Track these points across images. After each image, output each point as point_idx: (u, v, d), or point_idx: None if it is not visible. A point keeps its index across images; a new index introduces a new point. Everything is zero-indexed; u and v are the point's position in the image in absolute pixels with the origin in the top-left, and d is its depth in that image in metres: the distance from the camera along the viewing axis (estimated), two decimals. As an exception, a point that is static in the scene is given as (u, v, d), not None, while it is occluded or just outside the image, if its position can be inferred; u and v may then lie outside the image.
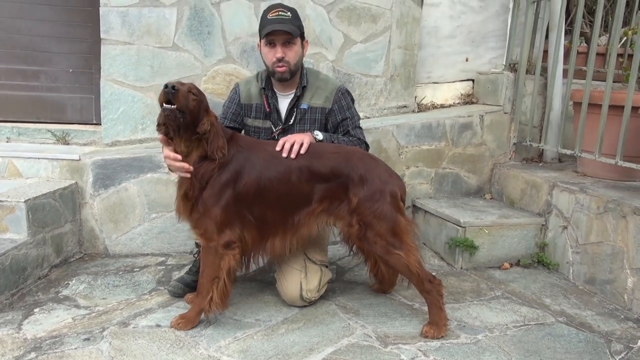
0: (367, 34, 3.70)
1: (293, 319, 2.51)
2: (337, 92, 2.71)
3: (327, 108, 2.69)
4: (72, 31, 3.68)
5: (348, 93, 2.77)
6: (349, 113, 2.72)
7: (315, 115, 2.70)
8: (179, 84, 2.19)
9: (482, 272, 3.17)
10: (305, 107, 2.69)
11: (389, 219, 2.34)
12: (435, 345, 2.29)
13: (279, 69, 2.58)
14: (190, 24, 3.40)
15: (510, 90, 3.84)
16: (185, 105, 2.18)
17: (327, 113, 2.70)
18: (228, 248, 2.31)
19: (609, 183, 3.20)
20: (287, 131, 2.69)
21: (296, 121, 2.70)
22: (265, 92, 2.71)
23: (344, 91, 2.75)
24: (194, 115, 2.23)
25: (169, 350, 2.19)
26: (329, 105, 2.69)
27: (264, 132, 2.74)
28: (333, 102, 2.69)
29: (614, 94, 3.09)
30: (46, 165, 3.23)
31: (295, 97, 2.69)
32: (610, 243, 2.82)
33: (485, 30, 4.12)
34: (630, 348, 2.32)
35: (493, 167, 3.85)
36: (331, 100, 2.69)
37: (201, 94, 2.30)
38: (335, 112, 2.69)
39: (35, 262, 2.84)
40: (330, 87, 2.72)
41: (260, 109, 2.73)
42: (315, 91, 2.71)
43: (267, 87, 2.72)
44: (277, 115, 2.72)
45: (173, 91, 2.15)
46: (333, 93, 2.70)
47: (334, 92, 2.70)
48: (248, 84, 2.78)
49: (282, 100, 2.73)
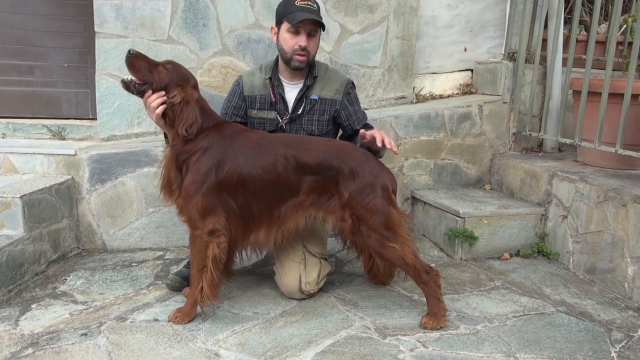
0: (364, 24, 3.67)
1: (291, 312, 2.50)
2: (347, 85, 2.73)
3: (337, 100, 2.69)
4: (66, 25, 3.64)
5: (354, 86, 2.81)
6: (357, 106, 2.77)
7: (325, 106, 2.69)
8: (145, 56, 2.26)
9: (481, 263, 3.15)
10: (315, 98, 2.67)
11: (382, 212, 2.32)
12: (434, 336, 2.28)
13: (299, 57, 2.56)
14: (185, 16, 3.37)
15: (509, 80, 3.81)
16: (142, 75, 2.23)
17: (338, 105, 2.70)
18: (212, 235, 2.28)
19: (609, 172, 3.18)
20: (294, 121, 2.68)
21: (305, 111, 2.68)
22: (272, 82, 2.68)
23: (352, 84, 2.78)
24: (161, 87, 2.25)
25: (166, 344, 2.18)
26: (339, 98, 2.70)
27: (269, 123, 2.70)
28: (343, 94, 2.70)
29: (614, 82, 3.06)
30: (42, 161, 3.21)
31: (305, 87, 2.67)
32: (610, 232, 2.80)
33: (484, 20, 4.08)
34: (631, 337, 2.31)
35: (492, 158, 3.82)
36: (342, 92, 2.70)
37: (178, 71, 2.31)
38: (345, 105, 2.71)
39: (32, 258, 2.82)
40: (340, 79, 2.74)
41: (265, 99, 2.69)
42: (327, 83, 2.70)
43: (274, 76, 2.69)
44: (284, 105, 2.69)
45: (130, 55, 2.22)
46: (343, 85, 2.71)
47: (344, 84, 2.72)
48: (251, 76, 2.75)
49: (289, 90, 2.70)
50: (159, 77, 2.25)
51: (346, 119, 2.73)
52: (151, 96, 2.26)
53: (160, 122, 2.32)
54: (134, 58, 2.23)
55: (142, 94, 2.29)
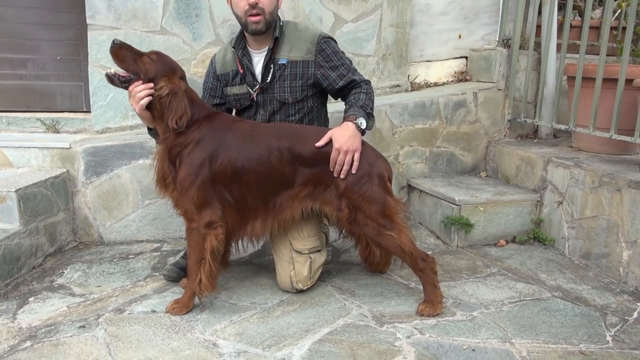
0: (358, 12, 3.65)
1: (289, 301, 2.51)
2: (318, 41, 2.49)
3: (309, 61, 2.49)
4: (59, 18, 3.62)
5: (331, 39, 2.55)
6: (338, 60, 2.50)
7: (296, 69, 2.49)
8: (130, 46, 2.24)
9: (478, 250, 3.17)
10: (284, 62, 2.48)
11: (379, 201, 2.32)
12: (431, 323, 2.29)
13: (253, 18, 2.37)
14: (178, 6, 3.35)
15: (503, 67, 3.80)
16: (127, 65, 2.22)
17: (312, 67, 2.50)
18: (210, 228, 2.28)
19: (604, 157, 3.19)
20: (265, 91, 2.53)
21: (275, 78, 2.50)
22: (237, 53, 2.53)
23: (326, 38, 2.53)
24: (148, 79, 2.23)
25: (164, 335, 2.19)
26: (311, 57, 2.49)
27: (243, 98, 2.59)
28: (316, 52, 2.48)
29: (608, 67, 3.06)
30: (37, 154, 3.20)
31: (269, 52, 2.48)
32: (605, 217, 2.81)
33: (478, 6, 4.06)
34: (626, 320, 2.33)
35: (488, 145, 3.83)
36: (313, 51, 2.48)
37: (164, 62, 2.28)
38: (320, 63, 2.49)
39: (29, 251, 2.82)
40: (310, 37, 2.50)
41: (237, 74, 2.57)
42: (295, 43, 2.49)
43: (239, 46, 2.53)
44: (252, 76, 2.54)
45: (114, 45, 2.20)
46: (314, 43, 2.49)
47: (314, 42, 2.49)
48: (223, 52, 2.64)
49: (256, 59, 2.54)
50: (144, 67, 2.22)
51: (324, 79, 2.51)
52: (138, 86, 2.22)
53: (145, 114, 2.28)
54: (117, 48, 2.21)
55: (127, 86, 2.25)
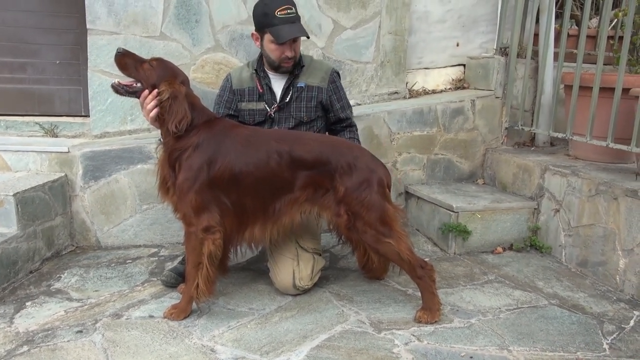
0: (357, 19, 3.67)
1: (287, 307, 2.51)
2: (331, 73, 2.84)
3: (323, 87, 2.80)
4: (58, 22, 3.62)
5: (339, 75, 2.92)
6: (342, 95, 2.88)
7: (312, 93, 2.78)
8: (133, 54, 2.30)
9: (475, 257, 3.18)
10: (302, 85, 2.78)
11: (378, 208, 2.33)
12: (428, 330, 2.30)
13: (287, 65, 2.70)
14: (178, 12, 3.36)
15: (501, 75, 3.82)
16: (129, 72, 2.27)
17: (324, 93, 2.80)
18: (207, 232, 2.29)
19: (601, 165, 3.21)
20: (283, 110, 2.77)
21: (292, 99, 2.77)
22: (258, 75, 2.79)
23: (337, 73, 2.90)
24: (150, 85, 2.27)
25: (162, 340, 2.18)
26: (325, 85, 2.80)
27: (259, 114, 2.79)
28: (329, 82, 2.81)
29: (605, 76, 3.09)
30: (35, 158, 3.20)
31: (293, 76, 2.77)
32: (602, 225, 2.82)
33: (476, 15, 4.09)
34: (623, 328, 2.34)
35: (485, 152, 3.84)
36: (327, 80, 2.81)
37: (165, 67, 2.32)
38: (330, 92, 2.81)
39: (26, 255, 2.82)
40: (325, 68, 2.86)
41: (253, 91, 2.79)
42: (312, 72, 2.81)
43: (259, 69, 2.80)
44: (272, 95, 2.79)
45: (117, 53, 2.26)
46: (328, 74, 2.82)
47: (329, 72, 2.83)
48: (239, 71, 2.88)
49: (275, 81, 2.80)
50: (145, 74, 2.28)
51: (331, 105, 2.83)
52: (147, 97, 2.28)
53: (156, 125, 2.36)
54: (121, 56, 2.28)
55: (133, 94, 2.32)
